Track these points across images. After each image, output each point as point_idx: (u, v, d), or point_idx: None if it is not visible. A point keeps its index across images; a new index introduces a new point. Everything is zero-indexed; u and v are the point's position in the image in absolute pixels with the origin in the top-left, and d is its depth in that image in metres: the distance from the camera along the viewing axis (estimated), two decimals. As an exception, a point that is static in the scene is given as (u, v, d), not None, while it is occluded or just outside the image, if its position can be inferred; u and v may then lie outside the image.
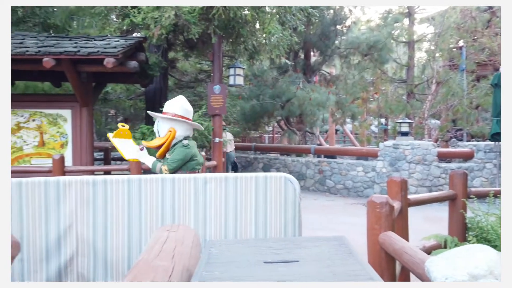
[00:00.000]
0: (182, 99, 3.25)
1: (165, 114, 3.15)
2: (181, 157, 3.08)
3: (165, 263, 1.37)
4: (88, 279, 2.32)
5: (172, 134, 3.09)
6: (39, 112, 5.99)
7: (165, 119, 3.13)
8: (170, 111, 3.15)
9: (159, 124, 3.19)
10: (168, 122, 3.12)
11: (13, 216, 2.24)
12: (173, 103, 3.18)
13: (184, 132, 3.14)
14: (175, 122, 3.11)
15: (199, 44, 7.11)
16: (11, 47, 5.05)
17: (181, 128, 3.13)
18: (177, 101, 3.21)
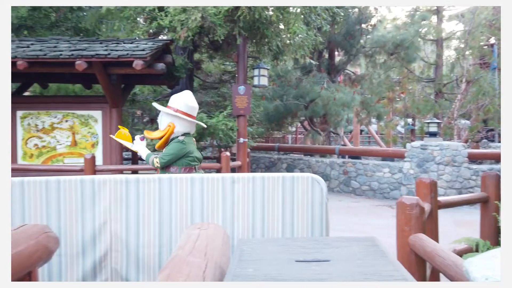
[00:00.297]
0: (187, 95, 3.23)
1: (169, 108, 3.15)
2: (173, 151, 3.08)
3: (198, 259, 1.41)
4: (121, 275, 2.41)
5: (171, 129, 3.09)
6: (72, 113, 6.23)
7: (165, 113, 3.13)
8: (173, 106, 3.14)
9: (160, 118, 3.20)
10: (169, 117, 3.11)
11: (52, 213, 2.36)
12: (177, 98, 3.18)
13: (183, 129, 3.14)
14: (175, 118, 3.10)
15: (224, 46, 7.18)
16: (46, 51, 5.28)
17: (181, 124, 3.12)
18: (182, 97, 3.20)
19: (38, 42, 5.87)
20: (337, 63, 12.15)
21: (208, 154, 10.70)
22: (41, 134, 6.26)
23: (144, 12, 5.98)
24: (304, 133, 16.02)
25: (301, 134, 19.45)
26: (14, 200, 2.32)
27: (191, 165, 3.16)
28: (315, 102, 10.39)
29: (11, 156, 6.18)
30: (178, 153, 3.08)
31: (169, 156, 3.07)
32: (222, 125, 6.21)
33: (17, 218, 2.32)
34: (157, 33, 7.96)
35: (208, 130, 6.30)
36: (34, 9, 7.06)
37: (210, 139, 6.95)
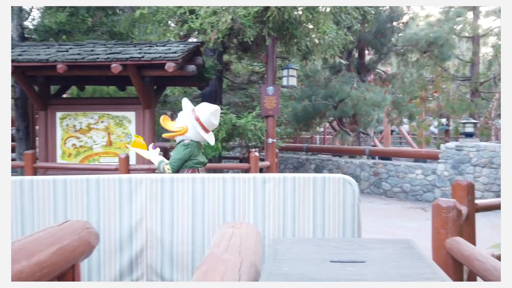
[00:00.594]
0: (214, 111, 3.33)
1: (193, 112, 3.27)
2: (180, 156, 3.21)
3: (234, 257, 1.45)
4: (156, 271, 2.49)
5: (183, 131, 3.21)
6: (107, 114, 6.47)
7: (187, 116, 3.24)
8: (197, 113, 3.25)
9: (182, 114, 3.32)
10: (188, 120, 3.22)
11: (92, 210, 2.47)
12: (205, 109, 3.28)
13: (193, 137, 3.24)
14: (193, 124, 3.21)
15: (253, 47, 7.23)
16: (84, 55, 5.51)
17: (193, 132, 3.22)
18: (208, 110, 3.29)
19: (76, 46, 6.14)
20: (367, 62, 11.93)
21: (236, 154, 10.80)
22: (78, 134, 6.54)
23: (176, 15, 6.12)
24: (332, 134, 15.84)
25: (330, 135, 19.23)
26: (58, 197, 2.45)
27: (194, 167, 3.25)
28: (344, 102, 10.26)
29: (52, 155, 6.50)
30: (184, 157, 3.20)
31: (177, 161, 3.20)
32: (251, 126, 6.26)
33: (60, 214, 2.45)
34: (187, 35, 8.12)
35: (237, 130, 6.37)
36: (72, 14, 7.38)
37: (239, 139, 7.01)
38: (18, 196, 2.41)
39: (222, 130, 6.17)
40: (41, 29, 7.39)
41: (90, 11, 7.13)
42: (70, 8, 7.09)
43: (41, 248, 1.60)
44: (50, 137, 6.50)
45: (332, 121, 13.41)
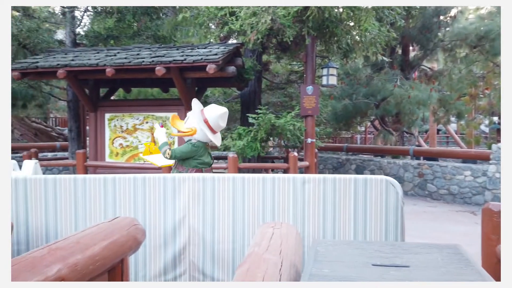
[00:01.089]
0: (222, 113, 3.44)
1: (202, 113, 3.40)
2: (185, 150, 3.32)
3: (274, 257, 1.46)
4: (198, 267, 2.57)
5: (192, 132, 3.35)
6: (151, 115, 6.73)
7: (197, 117, 3.37)
8: (205, 115, 3.38)
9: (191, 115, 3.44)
10: (197, 121, 3.34)
11: (139, 207, 2.59)
12: (213, 111, 3.40)
13: (201, 138, 3.35)
14: (201, 125, 3.32)
15: (292, 46, 7.20)
16: (130, 59, 5.77)
17: (201, 133, 3.33)
18: (217, 113, 3.41)
19: (123, 50, 6.44)
20: (412, 59, 11.47)
21: (275, 154, 10.81)
22: (125, 134, 6.86)
23: (217, 17, 6.23)
24: (374, 133, 15.40)
25: (371, 134, 18.71)
26: (108, 194, 2.59)
27: (198, 167, 3.34)
28: (387, 101, 9.93)
29: (101, 154, 6.87)
30: (188, 153, 3.31)
31: (180, 153, 3.31)
32: (290, 126, 6.24)
33: (109, 211, 2.60)
34: (227, 36, 8.25)
35: (276, 130, 6.37)
36: (119, 20, 7.75)
37: (278, 139, 7.01)
38: (72, 193, 2.58)
39: (261, 130, 6.21)
40: (91, 35, 7.83)
41: (136, 16, 7.44)
42: (118, 14, 7.44)
43: (94, 242, 1.71)
44: (99, 137, 6.87)
45: (373, 120, 13.03)
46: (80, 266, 1.53)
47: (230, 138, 6.46)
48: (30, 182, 2.55)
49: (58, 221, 2.58)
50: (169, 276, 2.55)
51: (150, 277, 2.56)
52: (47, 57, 6.33)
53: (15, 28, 6.42)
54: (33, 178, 2.56)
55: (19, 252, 2.57)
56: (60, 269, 1.42)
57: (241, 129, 6.50)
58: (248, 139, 6.22)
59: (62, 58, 6.18)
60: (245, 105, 7.94)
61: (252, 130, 6.31)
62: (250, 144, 6.21)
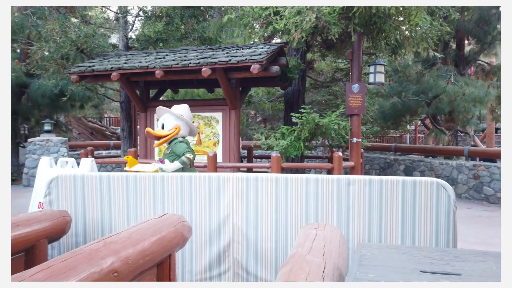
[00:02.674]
0: (187, 107, 3.92)
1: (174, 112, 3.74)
2: (187, 144, 3.73)
3: (317, 259, 1.45)
4: (241, 264, 2.61)
5: (178, 130, 3.70)
6: (197, 115, 6.92)
7: (174, 117, 3.74)
8: (179, 111, 3.78)
9: (166, 119, 3.76)
10: (176, 120, 3.73)
11: (185, 204, 2.68)
12: (181, 108, 3.86)
13: (185, 132, 3.80)
14: (181, 122, 3.75)
15: (337, 44, 7.06)
16: (178, 61, 5.97)
17: (184, 128, 3.78)
18: (184, 108, 3.89)
19: (171, 52, 6.68)
20: (467, 54, 10.78)
21: (318, 153, 10.67)
22: (172, 133, 7.11)
23: (261, 17, 6.27)
24: (425, 132, 14.68)
25: (421, 133, 17.86)
26: (156, 191, 2.71)
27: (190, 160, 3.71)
28: (439, 98, 9.43)
29: (150, 152, 7.18)
30: (189, 148, 3.71)
31: (189, 147, 3.71)
32: (334, 125, 6.13)
33: (158, 208, 2.71)
34: (271, 36, 8.26)
35: (320, 129, 6.29)
36: (167, 23, 8.04)
37: (322, 138, 6.90)
38: (124, 189, 2.73)
39: (304, 130, 6.16)
40: (141, 39, 8.20)
41: (183, 19, 7.68)
42: (166, 18, 7.73)
43: (144, 237, 1.80)
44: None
45: (424, 118, 12.43)
46: (131, 259, 1.62)
47: (273, 138, 6.47)
48: (87, 179, 2.73)
49: (112, 216, 2.74)
50: (214, 272, 2.62)
51: (196, 272, 2.64)
52: (102, 61, 6.72)
53: (74, 34, 6.89)
54: (90, 175, 2.74)
55: (77, 244, 2.77)
56: (113, 262, 1.51)
57: (285, 128, 6.49)
58: (292, 139, 6.19)
59: (116, 61, 6.53)
60: (289, 104, 7.91)
61: (295, 130, 6.28)
62: (293, 144, 6.19)
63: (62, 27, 6.92)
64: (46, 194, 2.75)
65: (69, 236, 2.75)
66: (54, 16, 7.76)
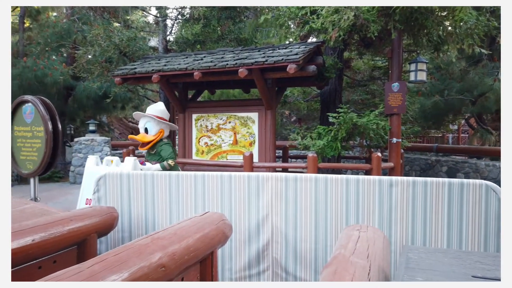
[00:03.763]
0: (162, 105, 4.22)
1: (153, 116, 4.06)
2: (172, 149, 4.08)
3: (362, 261, 1.44)
4: (281, 264, 2.62)
5: (162, 134, 4.08)
6: (234, 115, 7.02)
7: (156, 121, 4.06)
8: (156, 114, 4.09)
9: (149, 123, 4.08)
10: (158, 125, 4.08)
11: (225, 203, 2.73)
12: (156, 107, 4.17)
13: (167, 133, 4.15)
14: (163, 125, 4.10)
15: (376, 41, 6.89)
16: (216, 62, 6.08)
17: (166, 130, 4.15)
18: (159, 107, 4.17)
19: (209, 54, 6.82)
20: (516, 49, 10.14)
21: (356, 154, 10.47)
22: (210, 133, 7.26)
23: (297, 17, 6.25)
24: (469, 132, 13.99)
25: (465, 133, 17.03)
26: (197, 190, 2.78)
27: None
28: (485, 96, 8.96)
29: (188, 152, 7.37)
30: (172, 154, 4.05)
31: (173, 153, 4.08)
32: (373, 125, 5.99)
33: (199, 206, 2.78)
34: (307, 35, 8.21)
35: (358, 129, 6.17)
36: (205, 25, 8.22)
37: (360, 138, 6.77)
38: (167, 188, 2.83)
39: (342, 130, 6.07)
40: (180, 41, 8.42)
41: (220, 21, 7.81)
42: (204, 20, 7.89)
43: (188, 234, 1.86)
44: (187, 136, 7.37)
45: (469, 118, 11.85)
46: (177, 255, 1.68)
47: (309, 138, 6.42)
48: (133, 177, 2.85)
49: (155, 213, 2.84)
50: (253, 271, 2.65)
51: (235, 271, 2.69)
52: (143, 63, 6.98)
53: (117, 38, 7.20)
54: (135, 173, 2.86)
55: (123, 239, 2.90)
56: (161, 257, 1.58)
57: (321, 128, 6.43)
58: (328, 139, 6.12)
59: (156, 63, 6.76)
60: (325, 104, 7.83)
61: (332, 130, 6.20)
62: (330, 144, 6.11)
63: (106, 31, 7.26)
64: (94, 191, 2.90)
65: (115, 232, 2.88)
66: (98, 22, 8.15)
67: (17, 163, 3.71)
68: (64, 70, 9.84)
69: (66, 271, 1.26)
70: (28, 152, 3.58)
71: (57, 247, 2.04)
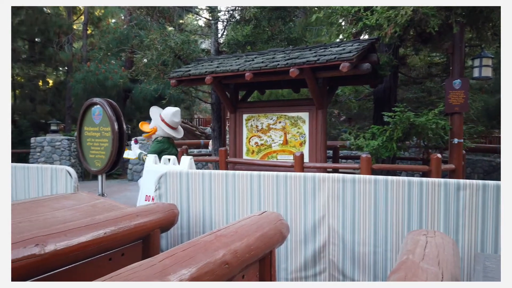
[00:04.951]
0: (175, 111, 4.65)
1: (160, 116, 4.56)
2: (153, 149, 4.44)
3: (433, 268, 1.37)
4: (337, 267, 2.57)
5: (153, 130, 4.54)
6: (284, 115, 7.01)
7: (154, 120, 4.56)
8: (162, 114, 4.59)
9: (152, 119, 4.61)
10: (155, 122, 4.53)
11: (281, 203, 2.74)
12: (167, 111, 4.63)
13: (162, 133, 4.55)
14: (160, 124, 4.52)
15: (434, 36, 6.54)
16: (267, 62, 6.11)
17: (161, 130, 4.54)
18: (170, 112, 4.61)
19: (260, 55, 6.87)
20: None
21: (411, 155, 10.00)
22: (260, 133, 7.31)
23: (350, 14, 6.10)
24: (539, 132, 12.78)
25: (534, 133, 15.56)
26: (253, 189, 2.82)
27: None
28: (560, 93, 8.13)
29: (239, 151, 7.48)
30: (156, 150, 4.40)
31: (152, 152, 4.39)
32: (432, 124, 5.69)
33: (255, 205, 2.82)
34: (359, 33, 7.99)
35: (415, 129, 5.89)
36: (255, 26, 8.29)
37: (417, 139, 6.46)
38: (224, 187, 2.89)
39: (397, 129, 5.83)
40: (231, 43, 8.57)
41: (271, 21, 7.84)
42: (254, 21, 7.97)
43: (249, 233, 1.89)
44: (238, 136, 7.49)
45: (539, 116, 10.82)
46: (239, 253, 1.71)
47: (362, 138, 6.24)
48: (191, 175, 2.95)
49: (212, 210, 2.92)
50: (309, 272, 2.63)
51: (291, 271, 2.68)
52: (196, 66, 7.20)
53: (172, 42, 7.49)
54: (194, 172, 2.96)
55: (181, 236, 3.01)
56: (224, 254, 1.62)
57: (375, 128, 6.22)
58: (383, 139, 5.91)
59: (209, 65, 6.93)
60: (379, 102, 7.57)
61: (387, 129, 5.97)
62: (385, 144, 5.90)
63: (162, 35, 7.58)
64: (156, 188, 3.04)
65: (174, 228, 3.00)
66: (154, 26, 8.54)
67: (87, 161, 4.00)
68: (123, 73, 10.43)
69: (140, 264, 1.33)
70: (96, 151, 3.84)
71: (125, 240, 2.17)
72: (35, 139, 10.29)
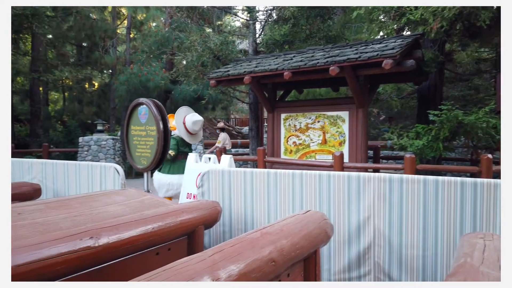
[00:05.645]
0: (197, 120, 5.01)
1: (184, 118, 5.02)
2: (172, 144, 4.87)
3: (495, 272, 1.29)
4: (383, 269, 2.50)
5: (173, 128, 4.91)
6: (323, 114, 6.91)
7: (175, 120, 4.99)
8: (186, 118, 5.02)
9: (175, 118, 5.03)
10: (177, 123, 4.98)
11: (324, 202, 2.70)
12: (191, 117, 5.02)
13: (178, 133, 5.03)
14: (180, 126, 4.99)
15: (484, 31, 6.19)
16: (306, 61, 6.06)
17: (178, 130, 5.02)
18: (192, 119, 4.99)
19: (298, 54, 6.82)
20: None
21: (458, 155, 9.52)
22: (298, 133, 7.26)
23: (393, 9, 5.91)
24: None
25: None
26: (295, 188, 2.79)
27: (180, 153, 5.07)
28: None
29: (276, 151, 7.47)
30: (174, 145, 4.93)
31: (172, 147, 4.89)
32: (482, 123, 5.38)
33: (297, 204, 2.79)
34: (401, 29, 7.72)
35: (463, 128, 5.60)
36: (293, 25, 8.25)
37: (465, 138, 6.13)
38: (265, 185, 2.89)
39: (444, 129, 5.57)
40: (269, 42, 8.58)
41: (309, 19, 7.76)
42: (292, 20, 7.93)
43: (294, 231, 1.87)
44: (276, 136, 7.48)
45: None
46: (285, 251, 1.70)
47: (406, 137, 6.02)
48: (233, 174, 2.98)
49: (254, 209, 2.93)
50: (354, 274, 2.57)
51: (334, 272, 2.64)
52: (235, 66, 7.27)
53: (212, 43, 7.62)
54: (236, 170, 2.99)
55: (223, 233, 3.05)
56: (271, 251, 1.61)
57: (420, 127, 5.98)
58: (428, 138, 5.66)
59: (247, 65, 6.98)
60: (424, 101, 7.27)
61: (433, 129, 5.72)
62: (430, 144, 5.65)
63: (201, 37, 7.73)
64: (199, 186, 3.10)
65: (216, 226, 3.04)
66: (194, 28, 8.73)
67: (133, 159, 4.16)
68: (164, 75, 10.75)
69: (192, 258, 1.36)
70: (142, 149, 3.98)
71: (171, 236, 2.22)
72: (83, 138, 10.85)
